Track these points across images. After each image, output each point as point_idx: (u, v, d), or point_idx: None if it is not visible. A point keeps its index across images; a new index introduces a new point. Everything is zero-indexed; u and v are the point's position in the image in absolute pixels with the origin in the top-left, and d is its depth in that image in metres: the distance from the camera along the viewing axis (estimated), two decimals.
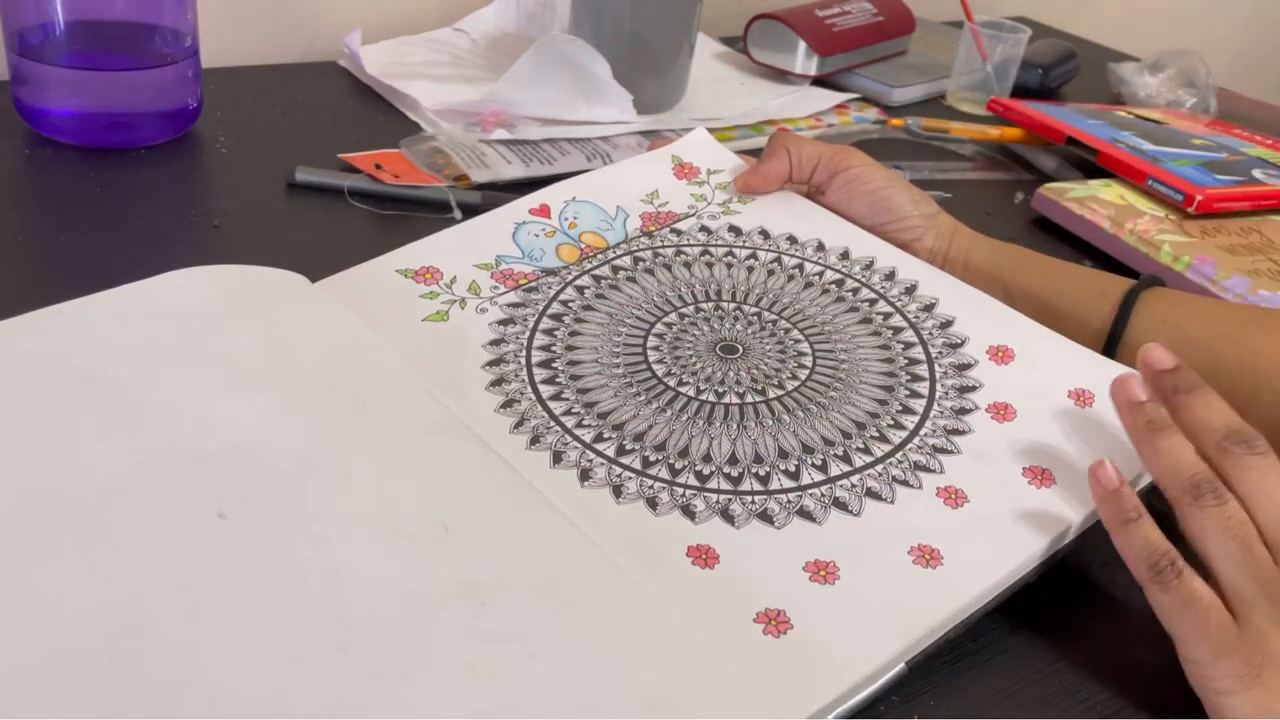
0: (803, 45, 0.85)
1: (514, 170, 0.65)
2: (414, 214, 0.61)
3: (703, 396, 0.45)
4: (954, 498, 0.41)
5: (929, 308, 0.51)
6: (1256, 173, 0.74)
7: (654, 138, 0.72)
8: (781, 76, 0.87)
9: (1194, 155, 0.76)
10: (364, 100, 0.74)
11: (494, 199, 0.61)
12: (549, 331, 0.48)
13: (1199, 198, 0.68)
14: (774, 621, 0.36)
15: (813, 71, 0.86)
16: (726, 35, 0.93)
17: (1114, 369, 0.47)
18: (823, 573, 0.38)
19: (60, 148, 0.62)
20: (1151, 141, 0.77)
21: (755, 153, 0.74)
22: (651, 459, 0.42)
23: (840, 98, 0.85)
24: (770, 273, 0.53)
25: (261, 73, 0.75)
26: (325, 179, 0.62)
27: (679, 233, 0.55)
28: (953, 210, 0.71)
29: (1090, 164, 0.77)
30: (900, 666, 0.35)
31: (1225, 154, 0.77)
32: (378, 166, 0.63)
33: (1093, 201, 0.69)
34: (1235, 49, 1.49)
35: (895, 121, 0.83)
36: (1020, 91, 0.91)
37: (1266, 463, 0.38)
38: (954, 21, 1.03)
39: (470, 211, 0.61)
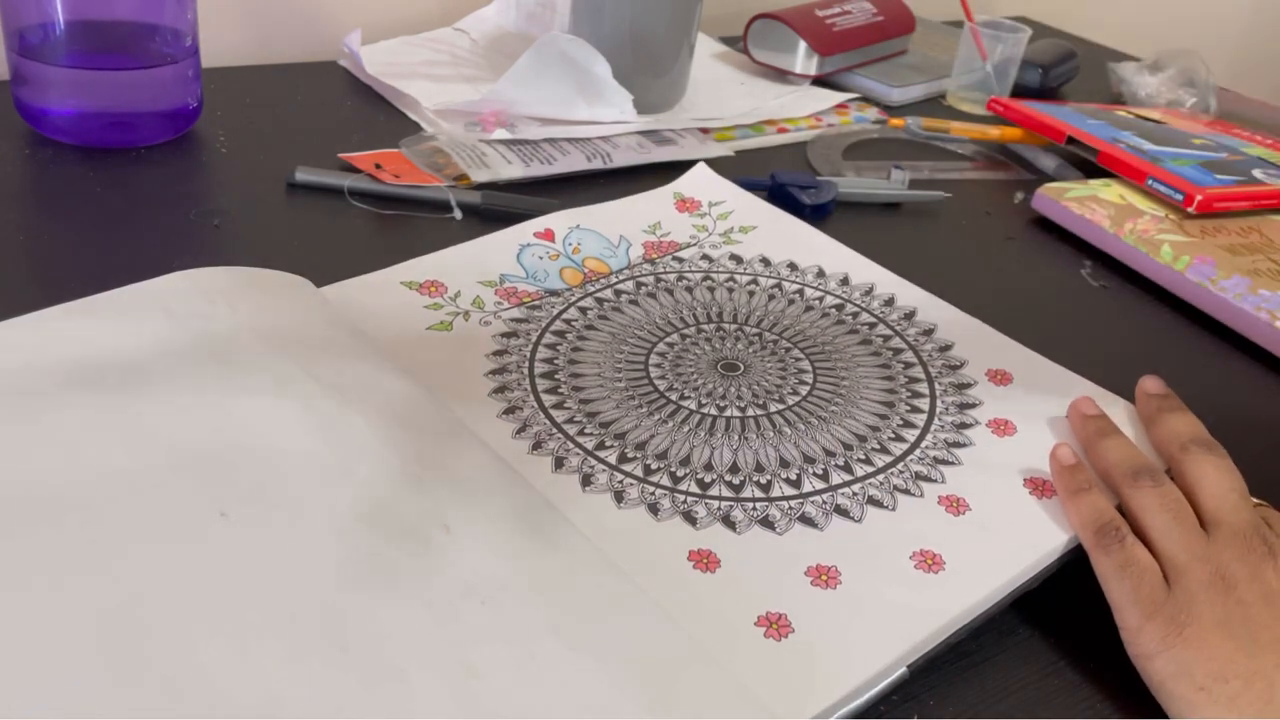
0: (803, 45, 0.85)
1: (514, 170, 0.65)
2: (414, 214, 0.61)
3: (704, 410, 0.45)
4: (955, 506, 0.41)
5: (928, 332, 0.52)
6: (1256, 173, 0.74)
7: (654, 138, 0.72)
8: (781, 76, 0.87)
9: (1194, 155, 0.76)
10: (364, 100, 0.74)
11: (494, 199, 0.61)
12: (552, 346, 0.48)
13: (1199, 197, 0.68)
14: (775, 625, 0.36)
15: (813, 71, 0.86)
16: (726, 35, 0.93)
17: (1108, 397, 0.47)
18: (824, 577, 0.38)
19: (60, 148, 0.62)
20: (1151, 141, 0.77)
21: (755, 153, 0.75)
22: (653, 467, 0.42)
23: (840, 98, 0.85)
24: (771, 297, 0.53)
25: (261, 73, 0.75)
26: (325, 179, 0.62)
27: (681, 260, 0.55)
28: (953, 210, 0.71)
29: (1090, 164, 0.77)
30: (902, 670, 0.36)
31: (1225, 154, 0.77)
32: (378, 166, 0.63)
33: (1093, 201, 0.69)
34: (1235, 49, 1.49)
35: (895, 121, 0.83)
36: (1020, 91, 0.91)
37: (1223, 463, 0.42)
38: (954, 21, 1.03)
39: (470, 211, 0.61)
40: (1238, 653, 0.35)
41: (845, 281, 0.55)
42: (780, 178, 0.66)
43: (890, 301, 0.54)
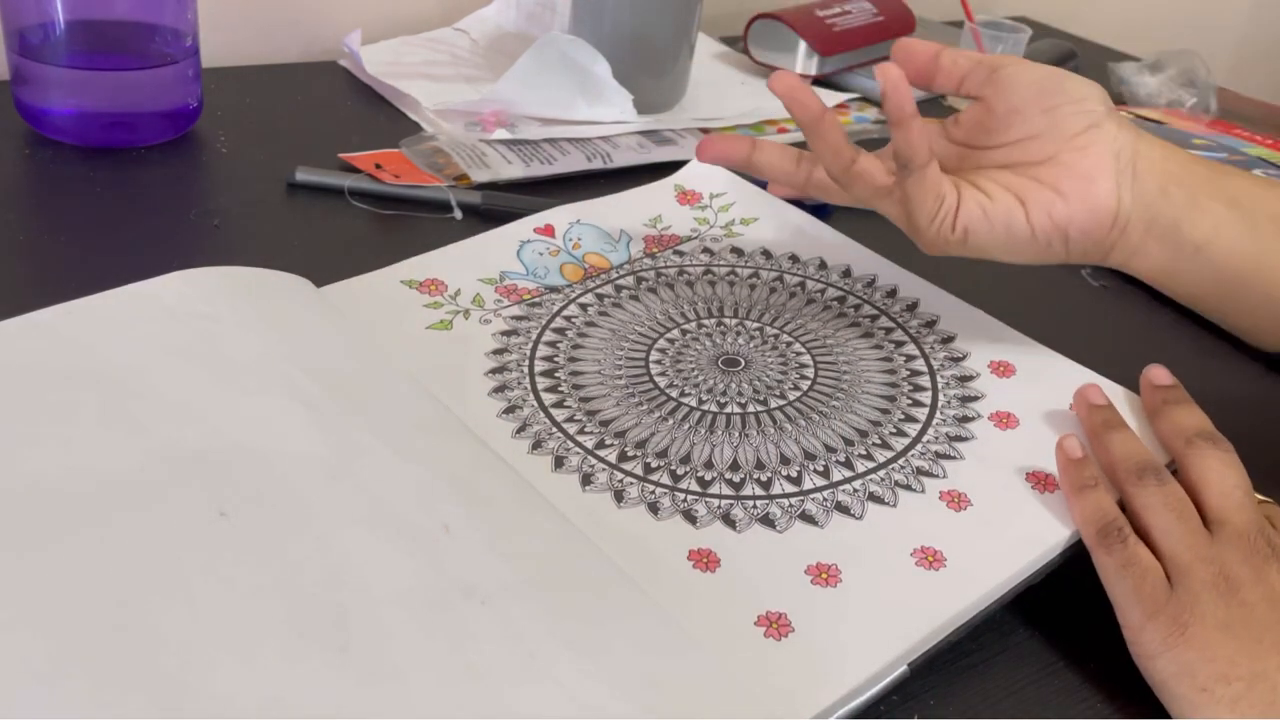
0: (803, 45, 0.85)
1: (514, 170, 0.65)
2: (414, 214, 0.61)
3: (704, 407, 0.45)
4: (957, 501, 0.41)
5: (930, 324, 0.52)
6: (1257, 172, 0.74)
7: (654, 138, 0.72)
8: None
9: (1194, 155, 0.76)
10: (364, 100, 0.74)
11: (494, 199, 0.61)
12: (552, 344, 0.48)
13: None
14: (775, 624, 0.36)
15: (813, 71, 0.86)
16: (726, 35, 0.93)
17: (1113, 387, 0.47)
18: (824, 575, 0.38)
19: (60, 148, 0.62)
20: None
21: None
22: (653, 465, 0.42)
23: (840, 98, 0.85)
24: (772, 290, 0.53)
25: (261, 73, 0.75)
26: (325, 179, 0.62)
27: (681, 254, 0.55)
28: None
29: None
30: (903, 668, 0.36)
31: (1225, 154, 0.77)
32: (378, 166, 0.63)
33: None
34: (1235, 49, 1.49)
35: None
36: None
37: (1228, 459, 0.41)
38: (954, 21, 1.03)
39: (470, 211, 0.61)
40: (1240, 654, 0.35)
41: (847, 274, 0.55)
42: None
43: (893, 293, 0.54)
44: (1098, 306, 0.63)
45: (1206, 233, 0.46)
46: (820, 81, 0.87)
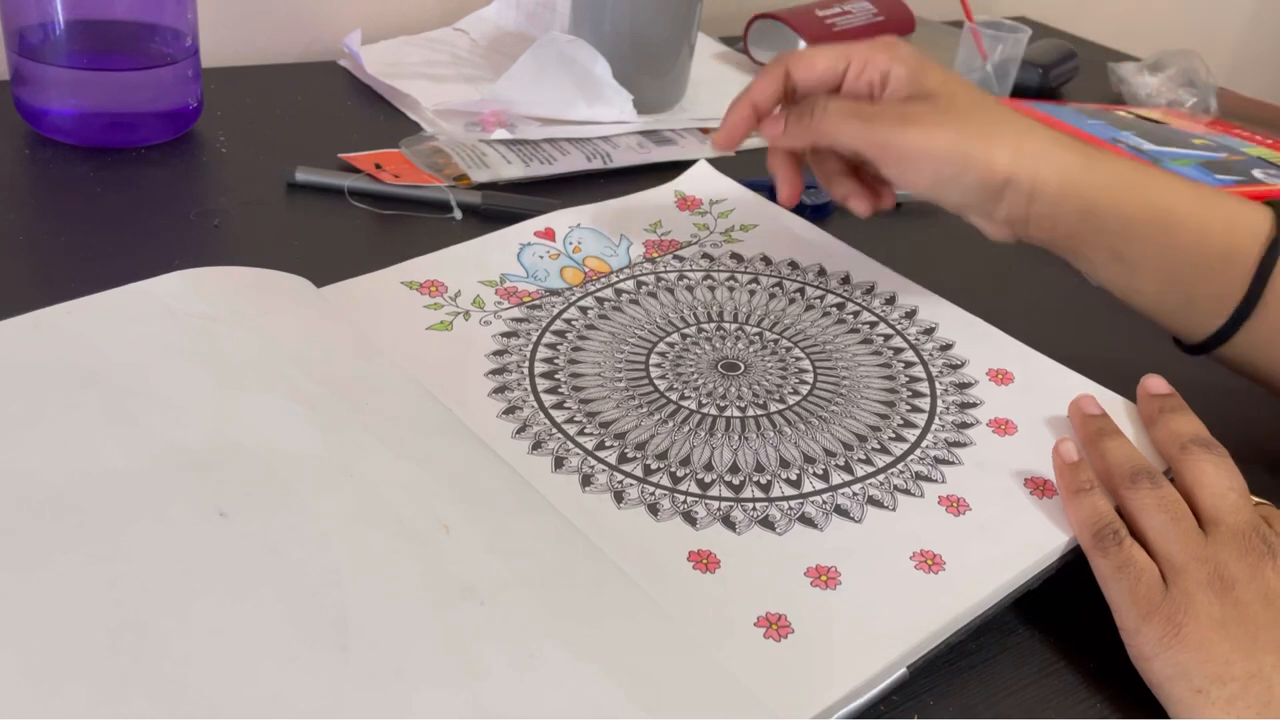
0: (802, 45, 0.85)
1: (514, 170, 0.65)
2: (414, 214, 0.61)
3: (704, 410, 0.45)
4: (956, 506, 0.41)
5: (929, 331, 0.52)
6: (1256, 172, 0.74)
7: (654, 138, 0.72)
8: None
9: (1194, 155, 0.76)
10: (364, 100, 0.74)
11: (494, 199, 0.61)
12: (552, 345, 0.48)
13: None
14: (775, 625, 0.36)
15: None
16: (726, 35, 0.93)
17: (1110, 396, 0.47)
18: (824, 578, 0.38)
19: (60, 148, 0.62)
20: (1151, 141, 0.77)
21: (755, 153, 0.75)
22: (653, 467, 0.42)
23: None
24: (772, 296, 0.53)
25: (261, 73, 0.75)
26: (325, 179, 0.62)
27: (681, 259, 0.55)
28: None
29: None
30: (902, 670, 0.36)
31: (1225, 154, 0.77)
32: (378, 166, 0.63)
33: None
34: (1235, 49, 1.49)
35: None
36: (1020, 91, 0.90)
37: (1222, 462, 0.41)
38: (954, 21, 1.03)
39: (470, 212, 0.61)
40: (1235, 654, 0.35)
41: (846, 280, 0.55)
42: None
43: (891, 300, 0.54)
44: (1098, 306, 0.63)
45: (1085, 266, 0.51)
46: None
